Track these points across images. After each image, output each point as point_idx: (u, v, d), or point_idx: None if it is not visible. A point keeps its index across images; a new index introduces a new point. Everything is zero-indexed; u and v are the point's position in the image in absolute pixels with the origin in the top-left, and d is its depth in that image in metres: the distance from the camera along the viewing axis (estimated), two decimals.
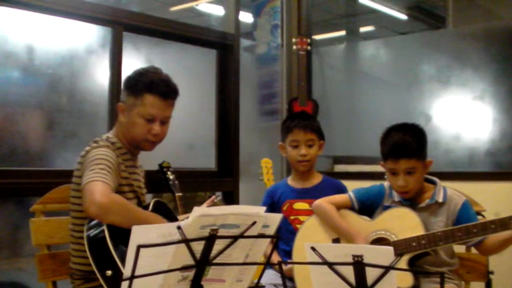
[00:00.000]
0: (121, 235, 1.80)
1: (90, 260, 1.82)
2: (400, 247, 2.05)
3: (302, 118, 2.58)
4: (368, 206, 2.26)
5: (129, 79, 2.18)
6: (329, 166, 4.27)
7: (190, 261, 1.34)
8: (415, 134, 2.15)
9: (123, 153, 2.14)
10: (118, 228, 1.83)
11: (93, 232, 1.87)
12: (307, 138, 2.53)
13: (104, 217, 1.83)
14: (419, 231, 2.05)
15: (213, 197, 2.44)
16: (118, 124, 2.21)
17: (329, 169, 4.21)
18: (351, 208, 2.27)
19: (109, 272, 1.77)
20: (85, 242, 1.86)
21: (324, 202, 2.29)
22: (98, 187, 1.84)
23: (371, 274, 1.33)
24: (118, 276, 1.75)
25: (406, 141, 2.10)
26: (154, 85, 2.12)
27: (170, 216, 2.21)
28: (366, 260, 1.31)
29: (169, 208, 2.27)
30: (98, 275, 1.78)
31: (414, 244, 2.04)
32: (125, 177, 2.10)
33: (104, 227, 1.83)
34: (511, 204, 3.09)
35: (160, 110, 2.13)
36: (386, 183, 2.27)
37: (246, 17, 4.38)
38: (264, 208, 1.45)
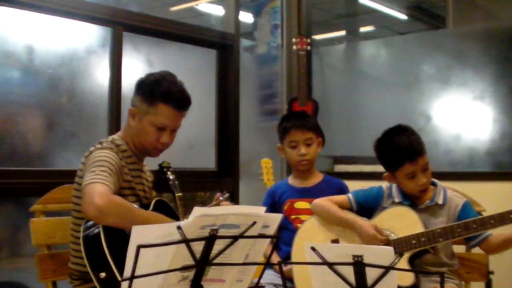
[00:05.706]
0: (117, 237, 1.80)
1: (85, 260, 1.81)
2: (400, 245, 2.05)
3: (298, 118, 2.56)
4: (367, 208, 2.26)
5: (144, 85, 2.12)
6: (329, 166, 4.27)
7: (190, 261, 1.34)
8: (412, 132, 2.16)
9: (127, 156, 2.12)
10: (114, 230, 1.81)
11: (89, 233, 1.86)
12: (305, 138, 2.51)
13: (102, 220, 1.80)
14: (418, 228, 2.05)
15: (218, 194, 2.41)
16: (127, 127, 2.17)
17: (329, 169, 4.21)
18: (349, 209, 2.27)
19: (103, 274, 1.75)
20: (81, 242, 1.85)
21: (322, 200, 2.29)
22: (97, 189, 1.81)
23: (371, 274, 1.33)
24: (112, 279, 1.74)
25: (416, 140, 2.11)
26: (170, 96, 2.08)
27: (172, 215, 2.20)
28: (366, 260, 1.31)
29: (170, 207, 2.26)
30: (93, 277, 1.77)
31: (414, 241, 2.04)
32: (127, 180, 2.08)
33: (100, 229, 1.82)
34: (511, 204, 3.09)
35: (172, 121, 2.11)
36: (384, 185, 2.26)
37: (246, 17, 4.37)
38: (264, 208, 1.45)
